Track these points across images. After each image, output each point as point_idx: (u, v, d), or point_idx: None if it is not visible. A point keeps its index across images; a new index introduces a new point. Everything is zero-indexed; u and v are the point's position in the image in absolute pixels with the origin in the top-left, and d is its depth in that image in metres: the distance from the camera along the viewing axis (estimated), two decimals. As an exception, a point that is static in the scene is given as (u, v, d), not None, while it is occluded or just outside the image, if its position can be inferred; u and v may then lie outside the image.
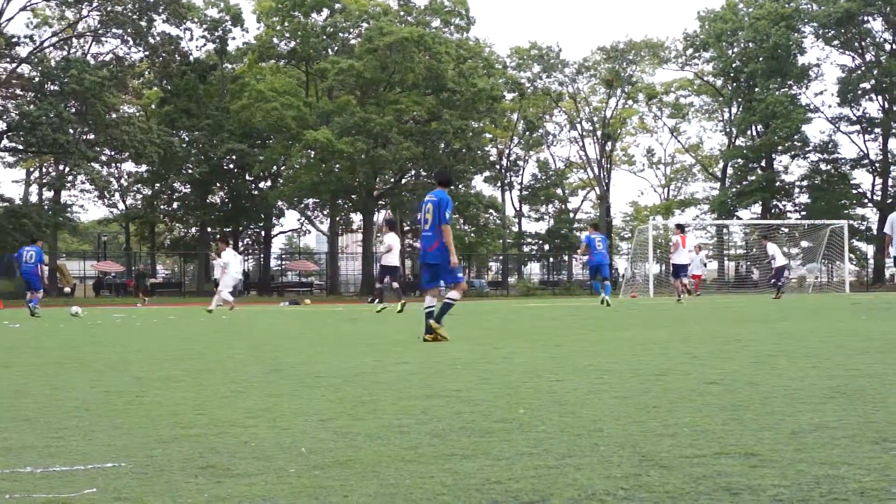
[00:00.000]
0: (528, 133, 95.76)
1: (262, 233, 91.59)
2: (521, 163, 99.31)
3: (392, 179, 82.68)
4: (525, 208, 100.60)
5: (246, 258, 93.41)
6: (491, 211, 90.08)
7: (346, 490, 4.34)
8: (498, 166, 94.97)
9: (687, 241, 38.76)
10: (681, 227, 40.53)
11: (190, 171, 77.54)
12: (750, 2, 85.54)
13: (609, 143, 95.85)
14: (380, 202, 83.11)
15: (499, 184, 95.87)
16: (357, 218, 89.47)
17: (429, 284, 15.74)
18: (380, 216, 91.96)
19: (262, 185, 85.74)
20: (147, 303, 52.14)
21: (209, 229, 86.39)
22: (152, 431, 6.06)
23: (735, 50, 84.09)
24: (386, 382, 8.69)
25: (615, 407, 6.67)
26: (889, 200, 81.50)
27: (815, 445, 5.08)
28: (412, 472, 4.68)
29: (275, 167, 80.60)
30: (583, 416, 6.29)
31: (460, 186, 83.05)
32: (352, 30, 79.30)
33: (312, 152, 74.68)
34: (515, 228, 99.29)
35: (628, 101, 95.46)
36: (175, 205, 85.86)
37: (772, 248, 43.81)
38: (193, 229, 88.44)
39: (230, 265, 35.37)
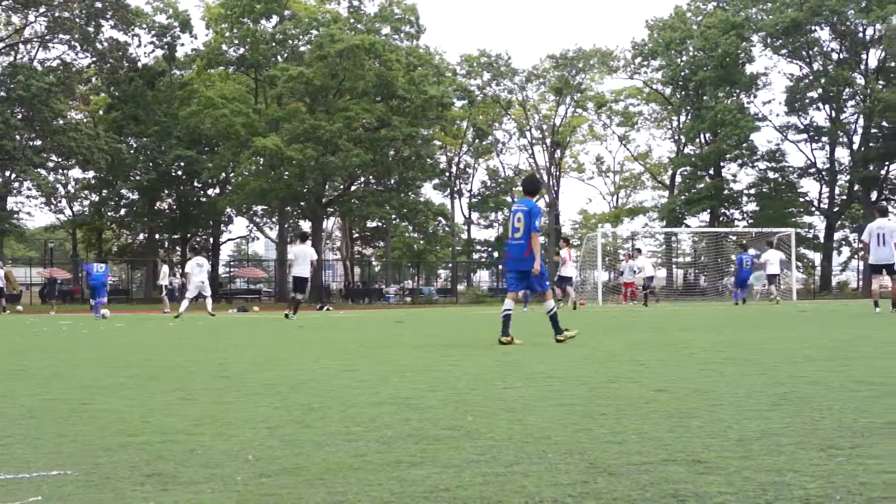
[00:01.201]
0: (477, 140, 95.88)
1: (211, 240, 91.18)
2: (470, 170, 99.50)
3: (341, 186, 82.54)
4: (474, 216, 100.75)
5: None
6: (440, 218, 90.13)
7: (294, 498, 4.32)
8: (447, 174, 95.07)
9: (572, 254, 41.34)
10: (566, 241, 43.52)
11: (138, 177, 77.14)
12: (698, 11, 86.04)
13: (558, 151, 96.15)
14: (329, 209, 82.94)
15: (448, 191, 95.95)
16: (306, 225, 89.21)
17: (514, 287, 16.53)
18: (329, 223, 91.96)
19: (210, 191, 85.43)
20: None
21: (157, 236, 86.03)
22: (98, 439, 6.01)
23: (684, 58, 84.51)
24: (334, 390, 8.67)
25: (563, 414, 6.68)
26: (836, 209, 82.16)
27: (761, 452, 5.10)
28: (360, 479, 4.67)
29: (223, 174, 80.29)
30: (531, 423, 6.30)
31: (409, 194, 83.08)
32: (301, 37, 79.09)
33: (261, 159, 74.41)
34: (464, 236, 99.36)
35: (577, 109, 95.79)
36: (122, 211, 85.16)
37: (642, 260, 47.24)
38: (141, 236, 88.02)
39: (190, 274, 38.90)
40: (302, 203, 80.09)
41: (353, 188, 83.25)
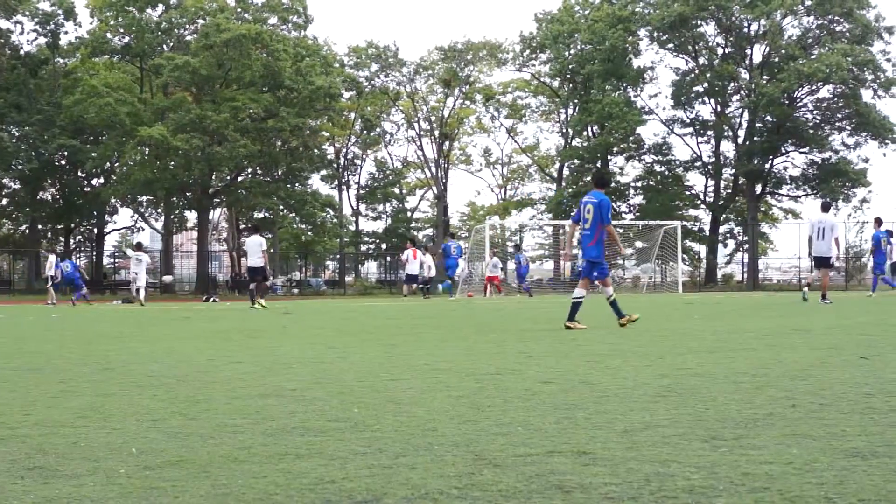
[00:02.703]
0: (365, 132, 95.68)
1: (95, 230, 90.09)
2: (358, 162, 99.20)
3: (228, 177, 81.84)
4: (362, 207, 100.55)
5: (78, 256, 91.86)
6: (328, 210, 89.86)
7: (178, 491, 4.29)
8: (335, 165, 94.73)
9: (417, 254, 44.22)
10: (412, 241, 47.00)
11: (20, 167, 75.99)
12: (586, 4, 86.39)
13: (446, 143, 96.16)
14: (215, 200, 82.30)
15: (336, 182, 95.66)
16: (192, 216, 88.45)
17: (586, 275, 17.80)
18: (215, 213, 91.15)
19: (94, 181, 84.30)
20: None
21: (40, 226, 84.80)
22: (-22, 433, 5.92)
23: (572, 52, 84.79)
24: (220, 381, 8.62)
25: (450, 406, 6.69)
26: (721, 202, 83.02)
27: (645, 443, 5.15)
28: (245, 471, 4.64)
29: (108, 164, 79.26)
30: (417, 415, 6.30)
31: (297, 185, 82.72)
32: (188, 26, 78.36)
33: (147, 149, 73.63)
34: (352, 227, 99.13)
35: (466, 101, 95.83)
36: (4, 201, 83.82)
37: (429, 258, 48.05)
38: (24, 226, 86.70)
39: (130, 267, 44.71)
40: (188, 193, 79.34)
41: (239, 179, 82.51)
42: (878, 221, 36.86)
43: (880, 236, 35.38)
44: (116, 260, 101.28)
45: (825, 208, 29.08)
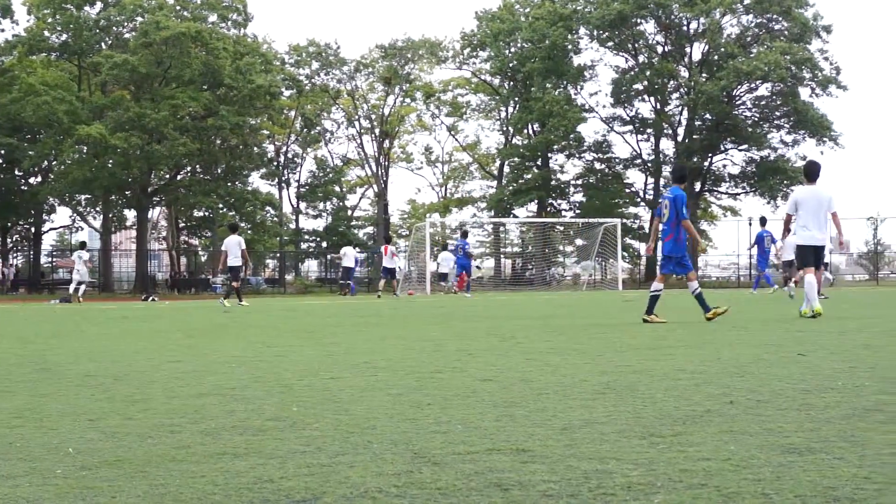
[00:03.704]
0: (305, 130, 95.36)
1: (32, 229, 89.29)
2: (298, 160, 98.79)
3: (167, 175, 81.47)
4: (303, 205, 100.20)
5: (14, 255, 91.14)
6: (268, 208, 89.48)
7: (115, 490, 4.25)
8: (275, 163, 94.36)
9: (388, 250, 46.57)
10: (387, 240, 49.65)
11: (-45, 166, 75.39)
12: (527, 2, 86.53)
13: (387, 141, 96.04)
14: (154, 198, 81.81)
15: (276, 181, 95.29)
16: (131, 214, 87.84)
17: (664, 270, 18.64)
18: (154, 212, 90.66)
19: (32, 180, 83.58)
20: None
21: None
22: (-89, 434, 5.85)
23: (512, 50, 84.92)
24: (158, 381, 8.57)
25: (389, 404, 6.69)
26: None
27: (584, 441, 5.16)
28: (182, 471, 4.61)
29: (46, 162, 78.64)
30: (356, 413, 6.30)
31: (237, 183, 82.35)
32: (126, 24, 77.80)
33: (85, 147, 73.08)
34: (293, 226, 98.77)
35: (406, 99, 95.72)
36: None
37: (349, 251, 52.29)
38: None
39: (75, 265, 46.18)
40: (127, 192, 78.81)
41: (179, 177, 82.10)
42: (763, 221, 38.00)
43: (763, 235, 36.54)
44: (54, 259, 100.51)
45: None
